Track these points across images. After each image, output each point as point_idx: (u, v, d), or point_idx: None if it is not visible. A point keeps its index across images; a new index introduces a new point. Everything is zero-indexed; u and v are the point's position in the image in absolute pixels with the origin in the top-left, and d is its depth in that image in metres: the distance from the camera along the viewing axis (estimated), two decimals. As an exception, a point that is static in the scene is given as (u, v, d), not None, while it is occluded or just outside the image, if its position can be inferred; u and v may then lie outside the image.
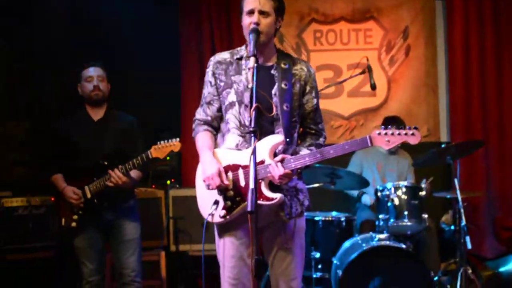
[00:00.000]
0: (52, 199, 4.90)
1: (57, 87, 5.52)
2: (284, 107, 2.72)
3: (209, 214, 2.75)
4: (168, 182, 5.24)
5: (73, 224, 3.83)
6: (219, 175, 2.69)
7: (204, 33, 5.78)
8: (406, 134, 2.57)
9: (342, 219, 4.66)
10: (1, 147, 5.63)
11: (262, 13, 2.70)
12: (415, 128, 2.58)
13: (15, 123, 5.60)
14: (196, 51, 5.79)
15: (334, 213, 4.78)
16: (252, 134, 2.41)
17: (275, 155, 2.69)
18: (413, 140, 2.57)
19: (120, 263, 3.89)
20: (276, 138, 2.69)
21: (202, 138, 2.87)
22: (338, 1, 5.99)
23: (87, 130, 3.88)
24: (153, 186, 5.20)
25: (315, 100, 2.86)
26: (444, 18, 5.95)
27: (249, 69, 2.71)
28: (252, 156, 2.36)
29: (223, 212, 2.73)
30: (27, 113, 5.59)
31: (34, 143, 5.28)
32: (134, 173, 3.83)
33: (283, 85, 2.75)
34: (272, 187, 2.68)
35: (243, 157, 2.72)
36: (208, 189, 2.72)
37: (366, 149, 5.27)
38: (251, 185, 2.31)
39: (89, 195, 3.81)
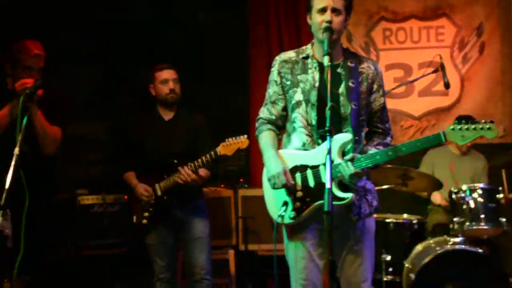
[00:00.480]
0: (126, 197, 5.09)
1: (136, 88, 5.68)
2: (352, 106, 2.68)
3: (279, 216, 2.74)
4: (238, 182, 5.27)
5: (144, 221, 3.93)
6: (285, 174, 2.68)
7: (272, 34, 5.80)
8: (482, 128, 2.47)
9: (414, 221, 4.58)
10: (79, 147, 5.84)
11: (334, 10, 2.67)
12: (491, 122, 2.47)
13: (93, 124, 5.80)
14: (265, 50, 5.81)
15: (405, 215, 4.69)
16: (328, 134, 2.39)
17: (343, 154, 2.66)
18: (490, 135, 2.47)
19: (190, 261, 3.96)
20: (345, 137, 2.65)
21: (265, 137, 2.86)
22: (409, -2, 5.88)
23: (158, 130, 3.99)
24: (222, 185, 5.26)
25: (382, 99, 2.81)
26: (522, 14, 5.72)
27: (316, 67, 2.73)
28: (327, 156, 2.34)
29: (293, 214, 2.72)
30: (105, 114, 5.77)
31: (110, 143, 5.47)
32: (202, 172, 3.90)
33: (350, 84, 2.71)
34: (342, 187, 2.64)
35: (310, 157, 2.71)
36: (274, 188, 2.71)
37: (437, 149, 5.27)
38: (327, 185, 2.28)
39: (159, 193, 3.91)
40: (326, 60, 2.53)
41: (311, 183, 2.70)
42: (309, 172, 2.71)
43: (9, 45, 3.41)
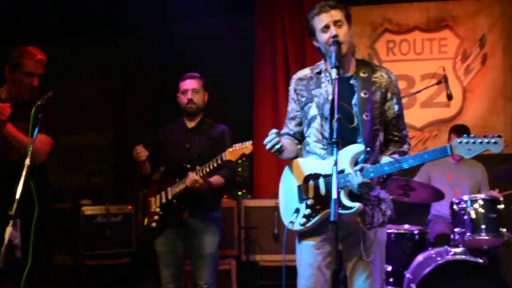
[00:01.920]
0: (130, 207, 5.13)
1: (142, 100, 5.76)
2: (364, 117, 2.71)
3: (290, 222, 2.80)
4: (240, 193, 5.29)
5: (153, 224, 3.94)
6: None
7: (277, 43, 5.87)
8: (488, 142, 2.49)
9: (415, 232, 4.56)
10: (82, 157, 5.90)
11: (336, 23, 2.74)
12: (498, 136, 2.50)
13: (97, 134, 5.86)
14: (270, 62, 5.88)
15: (406, 226, 4.68)
16: (334, 145, 2.43)
17: (355, 164, 2.69)
18: (496, 149, 2.49)
19: (196, 274, 3.96)
20: (357, 148, 2.69)
21: (285, 139, 2.91)
22: (412, 10, 5.92)
23: (179, 137, 4.05)
24: (225, 196, 5.25)
25: (396, 107, 2.82)
26: (524, 25, 5.75)
27: (328, 81, 2.79)
28: (334, 167, 2.38)
29: (303, 220, 2.76)
30: (108, 124, 5.83)
31: (115, 154, 5.53)
32: (214, 179, 3.88)
33: (362, 94, 2.75)
34: (352, 196, 2.68)
35: (324, 167, 2.76)
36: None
37: (434, 161, 5.24)
38: (334, 195, 2.32)
39: (170, 196, 3.93)
40: (333, 73, 2.58)
41: (322, 191, 2.74)
42: (321, 181, 2.76)
43: (7, 50, 3.42)
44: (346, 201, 2.65)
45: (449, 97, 4.57)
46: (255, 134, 5.69)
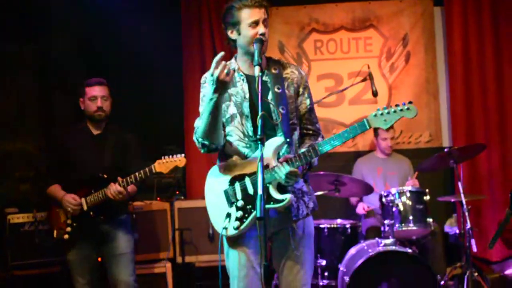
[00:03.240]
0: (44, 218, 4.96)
1: (69, 104, 5.58)
2: (280, 110, 2.74)
3: (223, 228, 2.78)
4: (174, 194, 5.23)
5: (66, 236, 3.86)
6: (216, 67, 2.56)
7: (205, 44, 5.82)
8: (402, 110, 2.55)
9: (347, 226, 4.68)
10: (8, 163, 5.67)
11: (264, 21, 2.75)
12: (410, 102, 2.56)
13: (24, 140, 5.64)
14: (199, 63, 5.82)
15: (339, 220, 4.79)
16: (259, 142, 2.45)
17: (278, 157, 2.72)
18: (410, 114, 2.55)
19: (114, 278, 3.92)
20: (277, 141, 2.72)
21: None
22: (338, 10, 6.04)
23: (85, 144, 3.95)
24: (158, 198, 5.21)
25: (308, 101, 2.89)
26: (443, 24, 5.99)
27: (243, 80, 2.80)
28: (259, 163, 2.39)
29: (236, 224, 2.75)
30: (35, 129, 5.63)
31: (41, 159, 5.32)
32: (130, 188, 3.85)
33: (276, 89, 2.79)
34: (281, 189, 2.70)
35: (247, 166, 2.76)
36: (218, 80, 2.56)
37: (364, 157, 5.49)
38: (259, 191, 2.34)
39: (85, 207, 3.85)
40: (257, 70, 2.59)
41: (250, 190, 2.75)
42: (247, 180, 2.76)
43: None
44: (276, 195, 2.67)
45: (374, 93, 4.73)
46: (186, 139, 5.66)
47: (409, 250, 4.20)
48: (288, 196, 2.65)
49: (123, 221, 4.00)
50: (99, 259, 4.01)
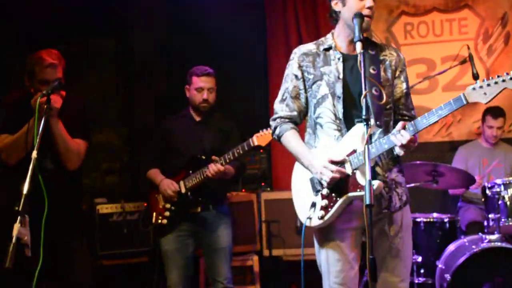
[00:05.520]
0: (145, 204, 4.98)
1: (150, 98, 5.61)
2: (374, 91, 2.53)
3: (307, 218, 2.61)
4: (260, 186, 5.14)
5: (164, 221, 3.78)
6: (332, 163, 2.53)
7: (290, 28, 5.68)
8: (504, 80, 2.28)
9: (445, 220, 4.39)
10: (93, 156, 5.77)
11: None
12: None
13: (107, 132, 5.72)
14: (284, 48, 5.68)
15: (435, 214, 4.49)
16: (365, 123, 2.28)
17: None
18: None
19: (213, 271, 3.81)
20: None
21: (294, 136, 2.70)
22: (430, -9, 5.72)
23: (188, 130, 3.89)
24: (244, 190, 5.15)
25: (404, 85, 2.69)
26: (548, 1, 5.53)
27: (339, 58, 2.64)
28: (366, 146, 2.23)
29: (321, 213, 2.57)
30: (123, 122, 5.68)
31: (128, 151, 5.39)
32: (228, 168, 3.74)
33: (371, 70, 2.60)
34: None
35: (335, 152, 2.58)
36: (327, 184, 2.54)
37: (468, 144, 5.16)
38: (367, 176, 2.18)
39: (183, 190, 3.76)
40: (359, 47, 2.42)
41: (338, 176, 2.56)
42: (334, 166, 2.57)
43: (26, 55, 3.24)
44: (362, 181, 2.47)
45: (475, 76, 4.36)
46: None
47: (518, 247, 3.86)
48: (376, 183, 2.41)
49: (225, 211, 3.88)
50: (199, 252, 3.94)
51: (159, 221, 3.80)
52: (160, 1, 5.69)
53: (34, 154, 2.65)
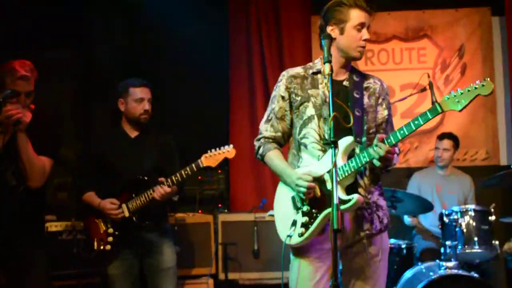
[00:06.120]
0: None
1: (107, 110, 5.46)
2: (356, 112, 2.61)
3: (287, 236, 2.62)
4: (217, 207, 5.04)
5: (108, 246, 3.63)
6: (303, 175, 2.58)
7: (253, 46, 5.67)
8: (477, 87, 2.37)
9: (403, 246, 4.39)
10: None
11: (368, 27, 2.66)
12: (485, 79, 2.38)
13: (64, 146, 5.55)
14: (246, 67, 5.68)
15: (392, 240, 4.49)
16: (332, 145, 2.26)
17: (349, 158, 2.59)
18: (486, 91, 2.38)
19: None
20: (346, 140, 2.58)
21: (277, 155, 2.76)
22: (391, 19, 5.81)
23: (124, 147, 3.73)
24: (200, 211, 5.01)
25: (386, 111, 2.77)
26: (503, 35, 5.69)
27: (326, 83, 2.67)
28: (333, 169, 2.20)
29: (301, 230, 2.59)
30: (76, 137, 5.51)
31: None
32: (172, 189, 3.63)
33: (355, 94, 2.68)
34: (349, 190, 2.55)
35: (316, 168, 2.61)
36: (306, 197, 2.58)
37: (423, 171, 5.22)
38: (335, 200, 2.15)
39: (127, 214, 3.62)
40: (327, 68, 2.42)
41: (317, 193, 2.59)
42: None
43: None
44: (342, 195, 2.50)
45: (434, 104, 4.43)
46: (232, 142, 5.42)
47: (475, 275, 3.88)
48: (355, 196, 2.46)
49: (168, 231, 3.80)
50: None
51: (102, 247, 3.64)
52: (120, 13, 5.58)
53: None
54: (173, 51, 5.54)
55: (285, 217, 2.68)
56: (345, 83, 2.71)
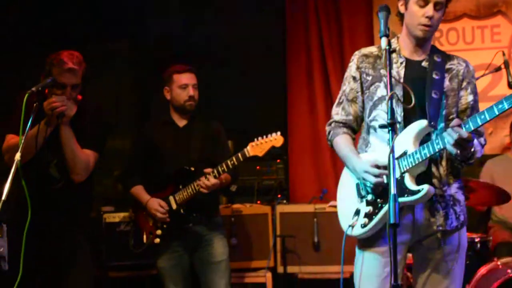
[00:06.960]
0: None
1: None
2: (433, 95, 2.42)
3: (349, 226, 2.49)
4: (275, 198, 4.90)
5: (157, 240, 3.61)
6: (373, 166, 2.45)
7: (311, 31, 5.51)
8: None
9: (476, 240, 4.08)
10: (105, 161, 5.61)
11: (437, 5, 2.45)
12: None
13: (122, 137, 5.57)
14: (305, 55, 5.54)
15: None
16: (390, 128, 2.08)
17: (421, 143, 2.39)
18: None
19: (209, 287, 3.63)
20: (419, 124, 2.40)
21: (344, 140, 2.64)
22: (460, -5, 5.48)
23: (172, 137, 3.69)
24: (259, 202, 4.93)
25: (471, 96, 2.61)
26: None
27: (401, 63, 2.55)
28: (390, 155, 1.99)
29: (364, 220, 2.45)
30: (132, 126, 5.53)
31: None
32: (223, 176, 3.57)
33: (433, 75, 2.50)
34: (420, 180, 2.37)
35: (383, 155, 2.39)
36: (373, 188, 2.45)
37: (496, 159, 4.89)
38: (392, 189, 1.96)
39: (174, 206, 3.58)
40: (383, 42, 2.26)
41: (384, 182, 2.44)
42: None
43: (48, 54, 3.11)
44: (411, 185, 2.34)
45: (510, 84, 4.12)
46: (290, 134, 5.36)
47: (559, 272, 3.54)
48: (425, 187, 2.30)
49: (219, 224, 3.74)
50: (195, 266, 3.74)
51: (151, 240, 3.62)
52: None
53: (18, 156, 2.47)
54: (227, 37, 5.46)
55: (348, 205, 2.58)
56: (424, 63, 2.56)
